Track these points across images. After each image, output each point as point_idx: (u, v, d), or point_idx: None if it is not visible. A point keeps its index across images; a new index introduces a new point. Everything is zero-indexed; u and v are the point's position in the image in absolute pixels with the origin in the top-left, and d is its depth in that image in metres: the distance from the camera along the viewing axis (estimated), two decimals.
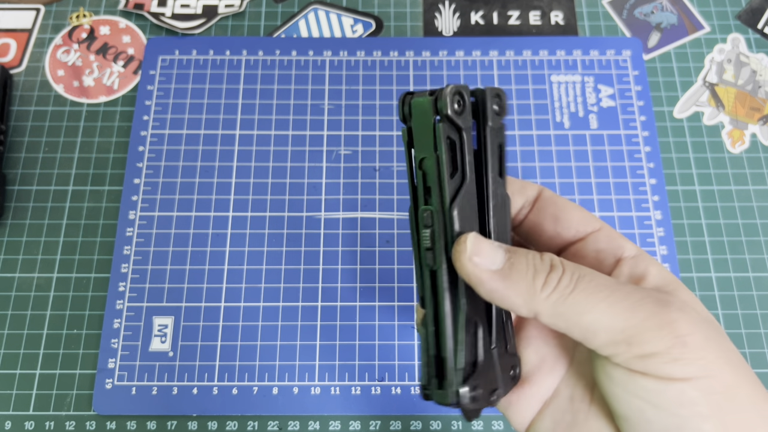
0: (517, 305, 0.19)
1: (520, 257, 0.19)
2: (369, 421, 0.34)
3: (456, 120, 0.20)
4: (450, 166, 0.20)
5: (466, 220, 0.20)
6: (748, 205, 0.39)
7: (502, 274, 0.19)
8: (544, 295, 0.19)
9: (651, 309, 0.18)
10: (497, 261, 0.19)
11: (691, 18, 0.44)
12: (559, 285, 0.19)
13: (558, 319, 0.19)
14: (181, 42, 0.43)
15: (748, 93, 0.42)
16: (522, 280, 0.19)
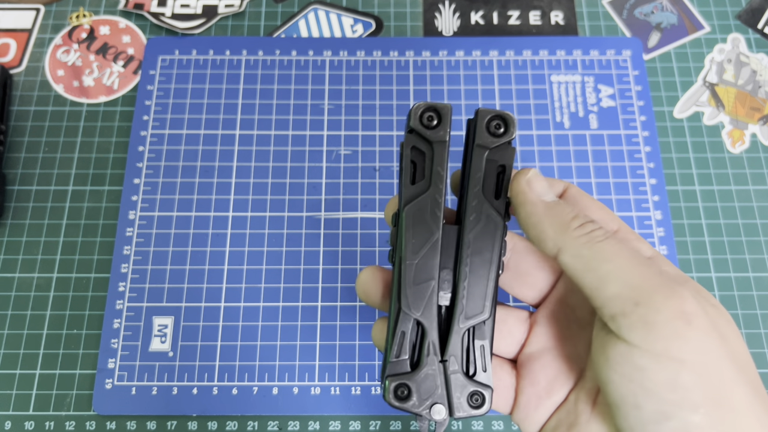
0: (546, 236, 0.20)
1: (567, 204, 0.21)
2: (369, 421, 0.34)
3: (423, 133, 0.21)
4: (410, 174, 0.22)
5: (420, 226, 0.21)
6: (748, 205, 0.39)
7: (547, 205, 0.20)
8: (576, 234, 0.19)
9: (666, 281, 0.18)
10: (548, 196, 0.21)
11: (691, 18, 0.44)
12: (592, 233, 0.19)
13: (578, 260, 0.19)
14: (181, 42, 0.43)
15: (748, 93, 0.42)
16: (561, 215, 0.20)
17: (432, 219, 0.21)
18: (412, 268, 0.21)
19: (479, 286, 0.21)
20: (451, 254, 0.22)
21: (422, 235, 0.21)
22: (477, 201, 0.21)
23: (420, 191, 0.21)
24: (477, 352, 0.21)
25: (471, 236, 0.21)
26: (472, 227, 0.21)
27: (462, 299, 0.21)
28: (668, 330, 0.17)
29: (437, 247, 0.21)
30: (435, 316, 0.21)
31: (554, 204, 0.20)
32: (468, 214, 0.21)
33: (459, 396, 0.21)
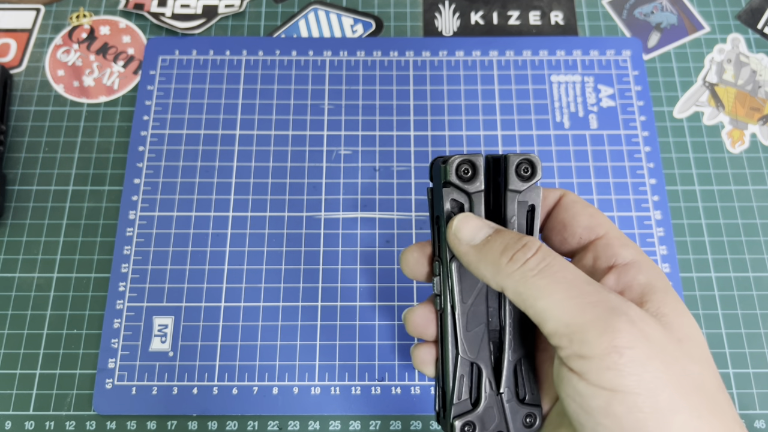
0: (487, 277, 0.21)
1: (498, 236, 0.21)
2: (369, 421, 0.34)
3: (461, 186, 0.23)
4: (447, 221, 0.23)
5: (467, 274, 0.23)
6: (748, 205, 0.39)
7: (477, 248, 0.21)
8: (509, 270, 0.20)
9: (600, 313, 0.19)
10: (477, 237, 0.22)
11: (690, 18, 0.44)
12: (525, 265, 0.20)
13: (518, 297, 0.20)
14: (181, 42, 0.43)
15: (748, 93, 0.42)
16: (492, 253, 0.21)
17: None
18: (465, 317, 0.23)
19: (523, 320, 0.23)
20: (494, 294, 0.23)
21: (470, 283, 0.23)
22: None
23: None
24: (524, 377, 0.23)
25: None
26: None
27: (509, 335, 0.23)
28: (602, 363, 0.18)
29: (484, 292, 0.23)
30: (489, 357, 0.23)
31: (482, 244, 0.21)
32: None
33: (515, 420, 0.23)
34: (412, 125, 0.40)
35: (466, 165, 0.23)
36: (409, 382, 0.35)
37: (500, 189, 0.23)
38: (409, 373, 0.35)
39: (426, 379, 0.35)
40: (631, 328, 0.18)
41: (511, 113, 0.41)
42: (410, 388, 0.35)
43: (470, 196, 0.23)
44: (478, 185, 0.23)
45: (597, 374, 0.18)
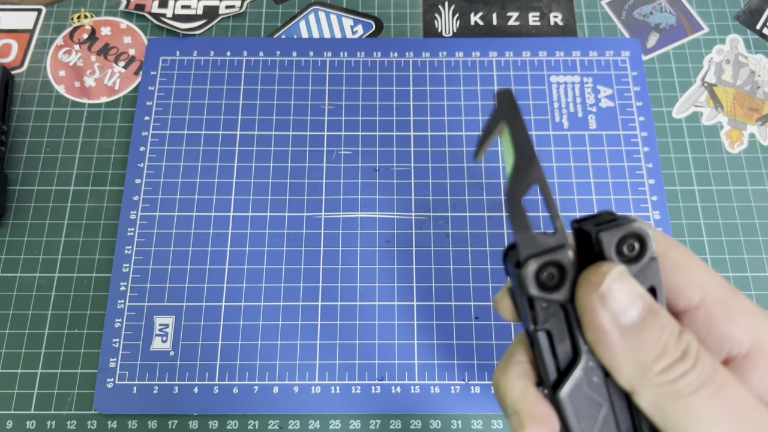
0: (619, 373, 0.16)
1: (655, 324, 0.16)
2: (369, 420, 0.34)
3: (546, 296, 0.17)
4: (550, 349, 0.17)
5: (583, 405, 0.17)
6: (747, 205, 0.39)
7: (625, 332, 0.15)
8: (656, 381, 0.15)
9: None
10: (630, 314, 0.16)
11: (689, 19, 0.45)
12: (679, 381, 0.15)
13: (657, 411, 0.15)
14: (182, 43, 0.43)
15: (747, 93, 0.42)
16: (643, 351, 0.15)
17: (594, 391, 0.17)
18: None
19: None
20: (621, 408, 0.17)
21: (589, 413, 0.17)
22: None
23: (567, 362, 0.17)
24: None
25: None
26: None
27: None
28: None
29: (609, 417, 0.17)
30: None
31: (635, 331, 0.15)
32: None
33: None
34: (412, 126, 0.41)
35: (551, 268, 0.16)
36: (409, 381, 0.35)
37: None
38: (409, 373, 0.35)
39: (426, 378, 0.35)
40: None
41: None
42: (410, 387, 0.35)
43: (564, 306, 0.17)
44: (567, 292, 0.17)
45: None
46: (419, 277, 0.37)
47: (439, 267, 0.37)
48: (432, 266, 0.37)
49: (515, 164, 0.16)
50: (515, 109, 0.16)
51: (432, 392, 0.35)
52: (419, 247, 0.38)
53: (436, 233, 0.38)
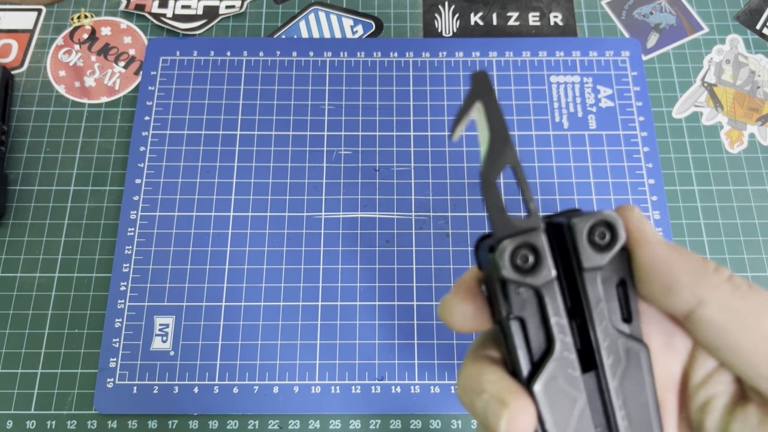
0: (681, 284, 0.15)
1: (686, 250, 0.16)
2: (369, 420, 0.34)
3: (523, 280, 0.16)
4: (523, 338, 0.17)
5: (558, 397, 0.16)
6: (747, 205, 0.39)
7: (672, 246, 0.16)
8: (716, 280, 0.15)
9: None
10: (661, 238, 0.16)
11: (689, 19, 0.45)
12: (732, 279, 0.15)
13: (729, 315, 0.15)
14: (182, 43, 0.43)
15: (747, 93, 0.42)
16: (692, 256, 0.16)
17: (570, 384, 0.17)
18: None
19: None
20: (596, 407, 0.17)
21: (564, 408, 0.16)
22: (609, 339, 0.17)
23: (540, 354, 0.17)
24: None
25: (616, 383, 0.17)
26: (614, 372, 0.17)
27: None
28: None
29: (586, 412, 0.17)
30: None
31: (678, 246, 0.16)
32: (604, 356, 0.17)
33: None
34: (411, 126, 0.41)
35: (524, 250, 0.16)
36: (408, 381, 0.35)
37: (571, 267, 0.17)
38: (409, 372, 0.35)
39: (426, 378, 0.35)
40: None
41: (511, 114, 0.41)
42: (410, 387, 0.35)
43: (539, 290, 0.16)
44: (546, 273, 0.16)
45: None
46: (419, 277, 0.37)
47: (439, 267, 0.37)
48: (432, 266, 0.37)
49: (490, 145, 0.16)
50: (490, 90, 0.16)
51: (432, 392, 0.35)
52: (419, 247, 0.38)
53: (436, 233, 0.38)
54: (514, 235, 0.16)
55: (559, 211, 0.18)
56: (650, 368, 0.17)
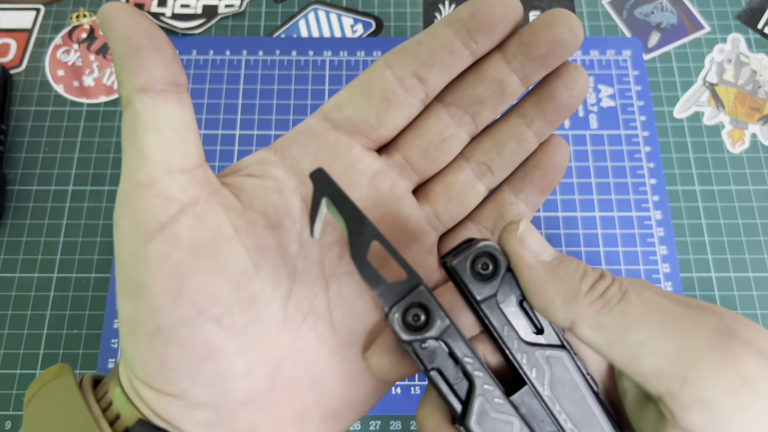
0: (554, 306, 0.16)
1: (570, 259, 0.17)
2: (369, 422, 0.34)
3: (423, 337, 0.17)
4: (447, 386, 0.17)
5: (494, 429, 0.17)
6: (748, 205, 0.39)
7: (549, 266, 0.17)
8: (588, 300, 0.16)
9: (710, 338, 0.14)
10: (546, 253, 0.17)
11: (691, 18, 0.44)
12: (606, 293, 0.16)
13: (599, 332, 0.15)
14: (181, 42, 0.43)
15: (748, 93, 0.42)
16: (567, 276, 0.16)
17: (500, 411, 0.17)
18: None
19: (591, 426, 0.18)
20: (542, 418, 0.18)
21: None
22: (526, 355, 0.18)
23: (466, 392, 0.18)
24: None
25: (548, 392, 0.18)
26: (542, 382, 0.18)
27: None
28: (731, 407, 0.14)
29: (524, 430, 0.17)
30: None
31: (556, 263, 0.17)
32: (528, 371, 0.18)
33: None
34: None
35: (414, 309, 0.17)
36: (409, 382, 0.35)
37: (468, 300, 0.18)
38: None
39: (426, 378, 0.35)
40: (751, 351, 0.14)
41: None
42: (410, 388, 0.35)
43: (444, 341, 0.17)
44: (441, 324, 0.17)
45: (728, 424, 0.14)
46: None
47: None
48: None
49: (349, 229, 0.17)
50: (332, 184, 0.17)
51: None
52: None
53: None
54: (400, 300, 0.17)
55: (455, 246, 0.19)
56: (576, 365, 0.18)
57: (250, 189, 0.19)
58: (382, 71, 0.21)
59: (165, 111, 0.17)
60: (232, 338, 0.17)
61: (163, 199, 0.17)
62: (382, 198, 0.21)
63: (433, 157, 0.21)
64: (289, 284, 0.19)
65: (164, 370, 0.17)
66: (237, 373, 0.18)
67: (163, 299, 0.17)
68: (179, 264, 0.17)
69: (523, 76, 0.20)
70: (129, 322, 0.17)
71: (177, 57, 0.18)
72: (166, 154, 0.17)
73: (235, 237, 0.18)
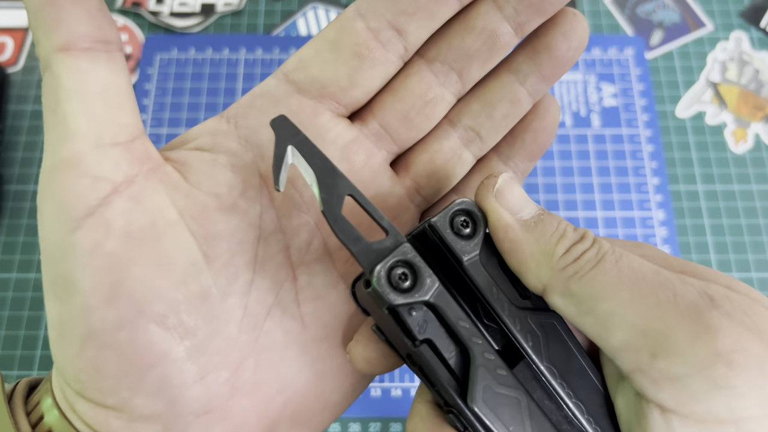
0: (527, 268, 0.15)
1: (551, 218, 0.16)
2: (369, 423, 0.34)
3: (411, 301, 0.15)
4: (440, 362, 0.15)
5: (499, 404, 0.15)
6: (751, 205, 0.39)
7: (525, 225, 0.15)
8: (561, 264, 0.14)
9: (685, 309, 0.13)
10: (525, 211, 0.16)
11: (693, 16, 0.44)
12: (580, 258, 0.14)
13: (569, 300, 0.14)
14: (179, 40, 0.42)
15: (751, 92, 0.42)
16: (544, 238, 0.15)
17: (505, 385, 0.15)
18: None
19: (592, 397, 0.16)
20: (541, 395, 0.16)
21: (511, 411, 0.15)
22: (519, 321, 0.16)
23: (462, 368, 0.16)
24: None
25: (546, 363, 0.16)
26: (539, 352, 0.16)
27: (589, 424, 0.16)
28: (705, 384, 0.13)
29: (532, 406, 0.15)
30: None
31: (534, 222, 0.15)
32: (522, 341, 0.16)
33: None
34: None
35: (400, 268, 0.15)
36: (409, 383, 0.34)
37: (451, 266, 0.16)
38: (409, 375, 0.35)
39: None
40: (731, 322, 0.13)
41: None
42: (410, 390, 0.34)
43: (430, 303, 0.15)
44: (431, 282, 0.15)
45: (705, 403, 0.13)
46: None
47: None
48: None
49: (319, 182, 0.15)
50: (296, 131, 0.15)
51: None
52: None
53: None
54: (383, 258, 0.15)
55: (417, 225, 0.18)
56: (569, 330, 0.16)
57: (198, 165, 0.17)
58: (353, 22, 0.17)
59: (92, 73, 0.15)
60: (179, 341, 0.15)
61: (91, 179, 0.15)
62: (357, 173, 0.18)
63: (414, 124, 0.18)
64: (249, 275, 0.17)
65: (100, 379, 0.15)
66: (187, 380, 0.15)
67: (95, 297, 0.15)
68: (113, 255, 0.15)
69: (516, 25, 0.17)
70: (57, 325, 0.15)
71: (105, 8, 0.15)
72: (95, 125, 0.15)
73: (180, 222, 0.16)
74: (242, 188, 0.17)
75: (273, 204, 0.17)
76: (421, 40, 0.18)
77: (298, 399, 0.17)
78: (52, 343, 0.16)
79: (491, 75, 0.19)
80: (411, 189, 0.19)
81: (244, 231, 0.17)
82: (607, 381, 0.16)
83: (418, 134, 0.19)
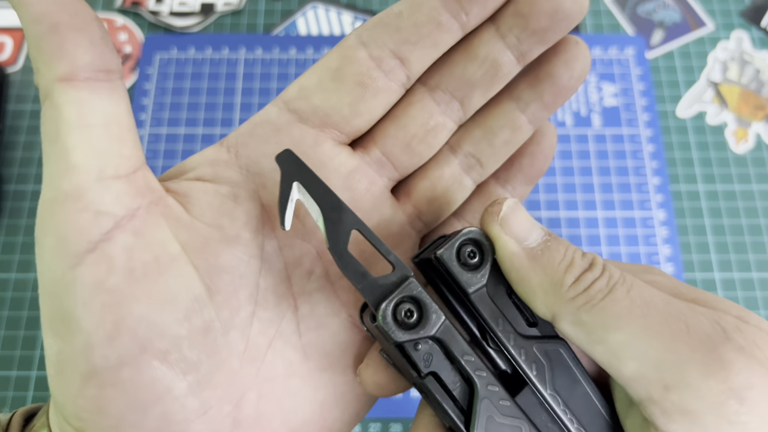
0: (535, 297, 0.15)
1: (559, 244, 0.15)
2: (368, 424, 0.34)
3: (417, 337, 0.15)
4: (445, 393, 0.16)
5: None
6: (752, 205, 0.39)
7: (532, 253, 0.15)
8: (571, 293, 0.14)
9: (699, 342, 0.13)
10: (532, 237, 0.16)
11: (694, 16, 0.44)
12: (591, 287, 0.14)
13: (579, 329, 0.14)
14: (179, 40, 0.42)
15: (752, 91, 0.42)
16: (551, 267, 0.15)
17: (507, 415, 0.16)
18: None
19: (595, 422, 0.16)
20: (544, 420, 0.16)
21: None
22: (524, 351, 0.16)
23: (467, 398, 0.16)
24: None
25: (550, 390, 0.16)
26: (543, 380, 0.16)
27: None
28: (717, 418, 0.13)
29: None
30: None
31: (541, 251, 0.15)
32: (527, 370, 0.16)
33: None
34: None
35: (406, 305, 0.15)
36: None
37: (457, 295, 0.17)
38: None
39: None
40: (744, 357, 0.13)
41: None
42: (410, 390, 0.34)
43: (441, 342, 0.16)
44: (437, 319, 0.15)
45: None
46: None
47: None
48: None
49: (325, 217, 0.15)
50: (302, 166, 0.15)
51: None
52: None
53: None
54: (389, 294, 0.15)
55: (426, 245, 0.18)
56: (575, 358, 0.16)
57: (199, 196, 0.17)
58: (356, 50, 0.17)
59: (93, 104, 0.15)
60: (181, 376, 0.15)
61: (93, 213, 0.14)
62: (359, 200, 0.18)
63: (416, 151, 0.18)
64: (251, 307, 0.16)
65: (102, 417, 0.15)
66: (190, 416, 0.15)
67: (96, 335, 0.14)
68: (115, 291, 0.14)
69: (519, 54, 0.17)
70: (57, 362, 0.15)
71: (107, 37, 0.15)
72: (96, 158, 0.15)
73: (183, 256, 0.16)
74: (245, 219, 0.17)
75: (275, 234, 0.17)
76: (424, 68, 0.18)
77: (303, 430, 0.17)
78: (51, 379, 0.15)
79: (493, 102, 0.19)
80: (412, 215, 0.19)
81: (247, 263, 0.17)
82: (617, 404, 0.16)
83: (420, 161, 0.19)
